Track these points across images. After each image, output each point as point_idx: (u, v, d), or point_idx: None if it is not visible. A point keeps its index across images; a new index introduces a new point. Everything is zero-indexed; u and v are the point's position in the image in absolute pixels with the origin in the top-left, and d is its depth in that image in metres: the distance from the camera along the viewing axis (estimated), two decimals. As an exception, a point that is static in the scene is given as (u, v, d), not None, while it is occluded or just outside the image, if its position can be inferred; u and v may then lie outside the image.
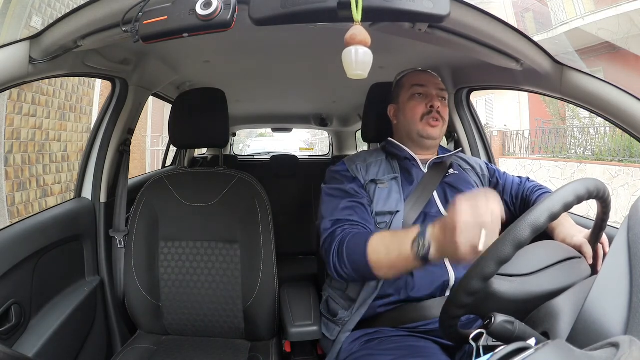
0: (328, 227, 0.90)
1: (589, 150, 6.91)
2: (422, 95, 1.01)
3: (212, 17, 0.57)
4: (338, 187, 0.96)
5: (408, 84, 1.04)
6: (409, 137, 1.02)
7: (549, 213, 0.52)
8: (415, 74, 1.06)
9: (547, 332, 0.52)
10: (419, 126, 0.99)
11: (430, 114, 0.99)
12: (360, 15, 0.54)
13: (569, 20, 7.30)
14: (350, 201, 0.92)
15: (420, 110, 0.99)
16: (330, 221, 0.90)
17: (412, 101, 1.01)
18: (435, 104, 0.99)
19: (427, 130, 0.99)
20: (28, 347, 0.87)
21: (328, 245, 0.87)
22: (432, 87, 1.01)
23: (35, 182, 3.77)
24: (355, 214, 0.90)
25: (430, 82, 1.02)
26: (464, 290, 0.55)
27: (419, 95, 1.01)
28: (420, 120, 0.99)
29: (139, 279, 1.14)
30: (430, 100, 0.99)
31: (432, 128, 0.99)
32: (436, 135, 1.00)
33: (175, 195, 1.17)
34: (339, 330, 0.95)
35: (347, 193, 0.94)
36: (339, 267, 0.83)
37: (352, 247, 0.81)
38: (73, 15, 0.73)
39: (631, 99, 0.78)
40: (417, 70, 1.08)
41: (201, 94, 1.25)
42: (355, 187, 0.95)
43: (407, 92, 1.03)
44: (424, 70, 1.08)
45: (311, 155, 4.34)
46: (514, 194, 1.07)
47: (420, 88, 1.01)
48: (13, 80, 0.75)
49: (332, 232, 0.88)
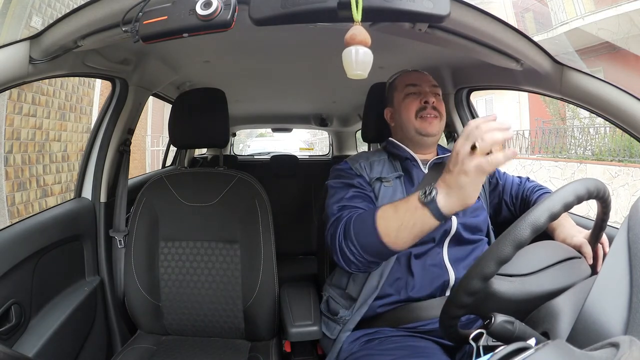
0: (335, 212, 0.88)
1: (589, 150, 6.91)
2: (415, 94, 1.01)
3: (212, 17, 0.57)
4: (343, 182, 0.96)
5: (401, 85, 1.04)
6: (407, 136, 1.02)
7: (549, 213, 0.53)
8: (407, 75, 1.06)
9: (547, 332, 0.52)
10: (416, 123, 0.98)
11: (425, 109, 0.98)
12: (360, 15, 0.54)
13: (569, 20, 7.30)
14: (356, 191, 0.92)
15: (414, 107, 0.99)
16: (337, 207, 0.89)
17: (406, 100, 1.01)
18: (429, 99, 0.98)
19: (425, 127, 0.98)
20: (28, 347, 0.87)
21: (334, 228, 0.85)
22: (424, 84, 1.01)
23: (35, 182, 3.77)
24: (362, 202, 0.90)
25: (422, 80, 1.02)
26: (464, 290, 0.55)
27: (412, 95, 1.01)
28: (415, 118, 0.98)
29: (139, 279, 1.14)
30: (424, 96, 0.99)
31: (429, 124, 0.98)
32: (434, 132, 0.99)
33: (175, 195, 1.17)
34: (339, 329, 0.95)
35: (353, 186, 0.94)
36: (345, 247, 0.80)
37: (359, 222, 0.80)
38: (73, 15, 0.73)
39: (631, 99, 0.78)
40: (408, 70, 1.08)
41: (201, 94, 1.25)
42: (362, 182, 0.95)
43: (400, 92, 1.03)
44: (414, 69, 1.08)
45: (311, 155, 4.34)
46: (513, 194, 1.07)
47: (413, 87, 1.01)
48: (13, 80, 0.75)
49: (338, 217, 0.87)
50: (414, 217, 0.70)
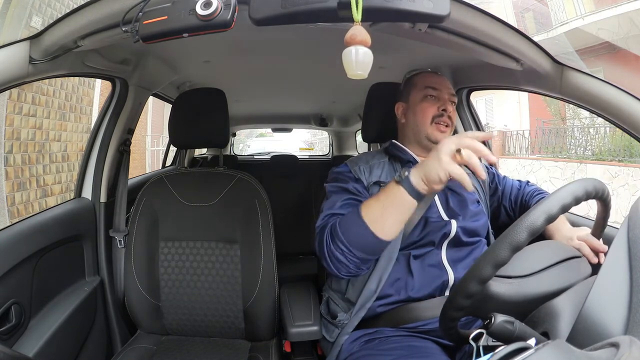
0: (321, 219, 0.90)
1: (589, 150, 6.91)
2: (434, 97, 0.98)
3: (212, 17, 0.57)
4: (340, 185, 0.96)
5: (421, 84, 1.01)
6: (416, 138, 1.00)
7: (545, 215, 0.52)
8: (429, 76, 1.03)
9: (547, 332, 0.52)
10: (429, 129, 0.97)
11: (442, 117, 0.97)
12: (360, 15, 0.54)
13: (569, 20, 7.30)
14: (349, 199, 0.92)
15: (431, 112, 0.97)
16: (326, 214, 0.90)
17: (424, 102, 0.98)
18: (448, 107, 0.97)
19: (436, 135, 0.96)
20: (28, 347, 0.87)
21: (321, 235, 0.86)
22: (445, 90, 0.99)
23: (35, 182, 3.77)
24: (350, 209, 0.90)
25: (443, 85, 1.00)
26: (461, 293, 0.55)
27: (431, 97, 0.99)
28: (430, 123, 0.97)
29: (139, 279, 1.14)
30: (443, 103, 0.97)
31: (441, 133, 0.97)
32: None
33: (175, 195, 1.16)
34: (338, 332, 0.95)
35: (348, 191, 0.94)
36: (334, 249, 0.81)
37: (345, 221, 0.83)
38: (73, 15, 0.73)
39: (631, 99, 0.78)
40: (430, 71, 1.06)
41: (201, 94, 1.25)
42: (358, 187, 0.95)
43: (419, 92, 1.00)
44: (436, 72, 1.06)
45: (311, 155, 4.34)
46: (513, 199, 1.07)
47: (433, 90, 0.99)
48: (13, 80, 0.75)
49: (323, 225, 0.88)
50: (392, 197, 0.77)
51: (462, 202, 0.97)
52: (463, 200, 0.97)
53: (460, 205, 0.96)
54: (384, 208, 0.78)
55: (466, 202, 0.97)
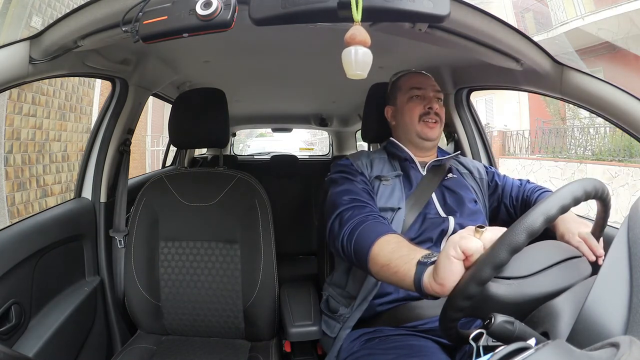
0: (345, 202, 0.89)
1: (589, 150, 6.91)
2: (419, 97, 1.03)
3: (212, 17, 0.57)
4: (347, 176, 0.98)
5: (406, 86, 1.05)
6: (408, 138, 1.04)
7: (544, 217, 0.52)
8: (412, 76, 1.07)
9: (547, 332, 0.52)
10: (418, 127, 1.01)
11: (429, 114, 1.01)
12: (360, 15, 0.54)
13: (569, 20, 7.30)
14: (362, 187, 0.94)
15: (418, 111, 1.02)
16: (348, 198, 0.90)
17: (411, 103, 1.03)
18: (433, 105, 1.02)
19: (426, 132, 1.01)
20: (28, 347, 0.87)
21: (343, 221, 0.86)
22: (429, 89, 1.04)
23: (35, 182, 3.77)
24: (371, 199, 0.92)
25: (427, 84, 1.05)
26: (460, 295, 0.55)
27: (417, 98, 1.03)
28: (418, 122, 1.01)
29: (139, 279, 1.14)
30: (429, 101, 1.02)
31: (430, 129, 1.01)
32: (434, 136, 1.03)
33: (175, 195, 1.16)
34: (339, 327, 0.95)
35: (353, 181, 0.96)
36: (346, 242, 0.83)
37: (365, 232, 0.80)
38: (73, 15, 0.73)
39: (631, 99, 0.78)
40: (413, 72, 1.09)
41: (201, 94, 1.25)
42: (364, 179, 0.97)
43: (404, 94, 1.05)
44: (419, 71, 1.10)
45: (311, 155, 4.34)
46: (513, 196, 1.07)
47: (418, 90, 1.04)
48: (13, 80, 0.75)
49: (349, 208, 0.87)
50: (401, 266, 0.67)
51: (459, 200, 0.98)
52: (460, 198, 0.98)
53: (457, 203, 0.97)
54: (390, 264, 0.70)
55: (463, 201, 0.98)
